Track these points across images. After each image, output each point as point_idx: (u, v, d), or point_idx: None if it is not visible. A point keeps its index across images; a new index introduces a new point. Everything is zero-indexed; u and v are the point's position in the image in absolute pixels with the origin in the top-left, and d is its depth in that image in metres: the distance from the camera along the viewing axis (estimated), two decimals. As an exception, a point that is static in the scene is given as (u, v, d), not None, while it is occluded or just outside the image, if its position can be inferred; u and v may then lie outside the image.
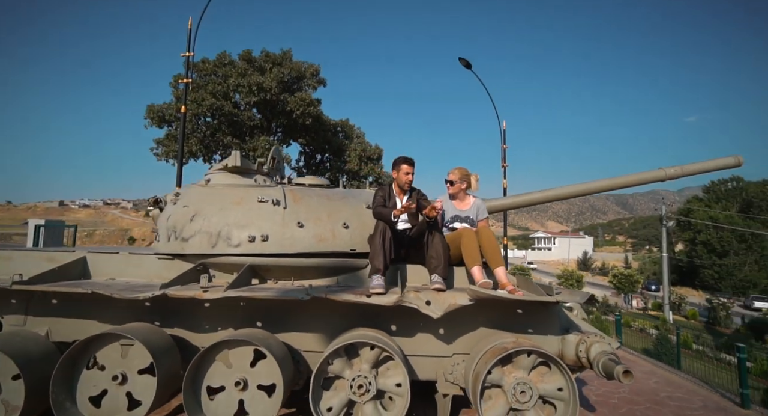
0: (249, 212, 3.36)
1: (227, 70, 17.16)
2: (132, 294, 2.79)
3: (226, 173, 3.77)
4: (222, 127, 16.38)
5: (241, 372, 2.86)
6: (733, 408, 4.48)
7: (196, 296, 2.80)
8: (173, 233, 3.36)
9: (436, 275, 3.02)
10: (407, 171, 3.30)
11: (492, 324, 3.27)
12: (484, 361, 2.87)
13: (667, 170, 4.17)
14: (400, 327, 3.27)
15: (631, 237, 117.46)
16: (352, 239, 3.48)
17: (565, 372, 2.81)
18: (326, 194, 3.76)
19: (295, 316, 3.25)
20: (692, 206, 50.44)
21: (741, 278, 44.02)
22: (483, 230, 3.21)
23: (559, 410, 2.88)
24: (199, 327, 3.26)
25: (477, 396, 2.77)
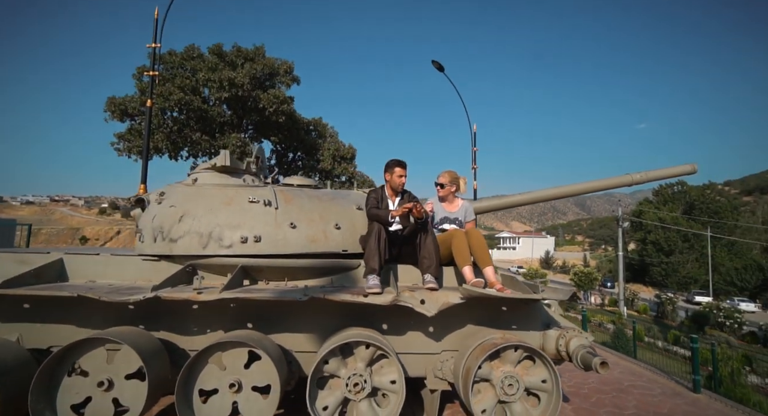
0: (240, 212, 3.32)
1: (196, 64, 16.54)
2: (121, 297, 2.70)
3: (213, 172, 3.70)
4: (190, 122, 15.77)
5: (235, 374, 2.84)
6: (687, 393, 4.92)
7: (191, 298, 2.75)
8: (160, 233, 3.27)
9: (428, 275, 3.13)
10: (400, 174, 3.39)
11: (478, 321, 3.43)
12: (475, 357, 3.01)
13: (633, 175, 4.52)
14: (391, 326, 3.36)
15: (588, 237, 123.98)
16: (344, 240, 3.52)
17: (549, 365, 3.01)
18: (316, 195, 3.78)
19: (287, 317, 3.26)
20: (643, 208, 53.98)
21: (684, 275, 47.59)
22: (472, 231, 3.35)
23: (542, 401, 3.08)
24: (187, 330, 3.19)
25: (468, 390, 2.91)
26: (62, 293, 2.73)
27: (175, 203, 3.39)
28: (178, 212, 3.32)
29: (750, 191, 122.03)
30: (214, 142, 15.77)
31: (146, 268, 3.34)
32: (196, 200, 3.38)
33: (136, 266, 3.35)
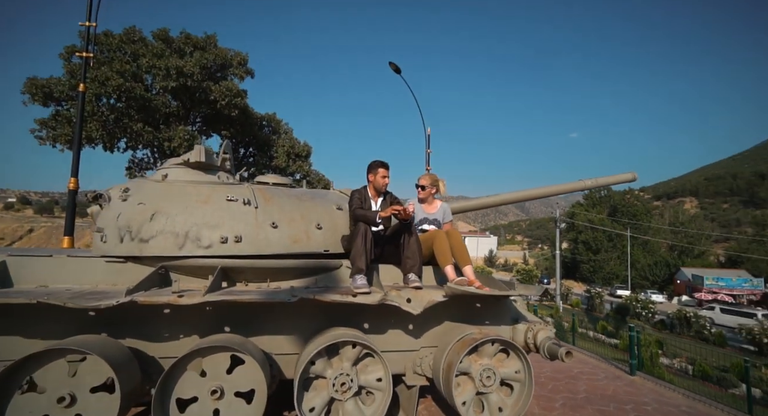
0: (218, 211, 3.18)
1: (138, 48, 15.22)
2: (89, 302, 2.47)
3: (186, 168, 3.49)
4: (131, 112, 14.48)
5: (216, 381, 2.72)
6: (625, 376, 5.52)
7: (171, 302, 2.59)
8: (128, 233, 3.02)
9: (412, 274, 3.22)
10: (384, 175, 3.45)
11: (455, 318, 3.58)
12: (456, 351, 3.15)
13: (585, 181, 4.98)
14: (373, 325, 3.40)
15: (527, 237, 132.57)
16: (325, 240, 3.50)
17: (522, 357, 3.24)
18: (295, 195, 3.72)
19: (267, 319, 3.18)
20: (575, 210, 58.83)
21: (608, 271, 52.66)
22: (453, 232, 3.50)
23: (516, 390, 3.30)
24: (158, 336, 2.99)
25: (450, 384, 3.05)
26: (17, 300, 2.43)
27: (144, 200, 3.15)
28: (148, 210, 3.10)
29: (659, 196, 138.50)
30: (158, 134, 14.64)
31: (110, 270, 3.08)
32: (169, 198, 3.17)
33: (98, 268, 3.06)
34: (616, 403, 4.31)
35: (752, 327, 17.47)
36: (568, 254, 56.94)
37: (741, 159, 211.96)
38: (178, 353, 2.92)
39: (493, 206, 4.67)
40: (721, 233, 72.66)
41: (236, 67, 15.93)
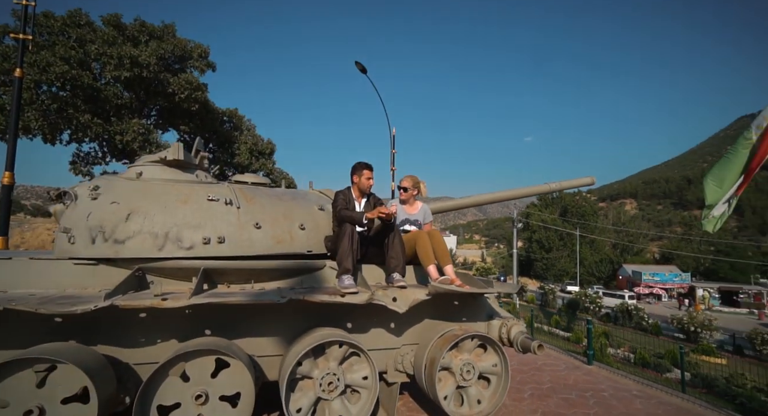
0: (199, 211, 3.08)
1: (84, 33, 14.08)
2: (63, 308, 2.32)
3: (162, 166, 3.35)
4: (77, 101, 13.39)
5: (200, 385, 2.65)
6: (583, 366, 5.95)
7: (155, 306, 2.48)
8: (100, 233, 2.85)
9: (397, 274, 3.30)
10: (369, 176, 3.49)
11: (434, 316, 3.71)
12: (438, 347, 3.27)
13: (550, 184, 5.31)
14: (356, 325, 3.44)
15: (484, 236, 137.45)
16: (308, 241, 3.49)
17: (499, 351, 3.42)
18: (276, 195, 3.67)
19: (249, 321, 3.13)
20: (530, 210, 61.78)
21: (559, 268, 55.84)
22: (435, 233, 3.62)
23: (493, 382, 3.48)
24: (132, 342, 2.85)
25: (434, 379, 3.16)
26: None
27: (118, 199, 2.99)
28: (124, 209, 2.94)
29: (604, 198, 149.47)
30: (108, 126, 13.65)
31: (80, 273, 2.88)
32: (146, 197, 3.02)
33: (65, 271, 2.86)
34: (577, 391, 4.65)
35: (682, 317, 19.30)
36: (523, 252, 59.71)
37: (672, 164, 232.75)
38: (155, 358, 2.82)
39: (465, 207, 4.86)
40: (656, 233, 79.40)
41: (196, 59, 15.19)
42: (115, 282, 2.87)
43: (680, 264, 52.27)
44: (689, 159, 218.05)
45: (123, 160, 15.95)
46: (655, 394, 4.82)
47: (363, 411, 3.01)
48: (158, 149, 14.77)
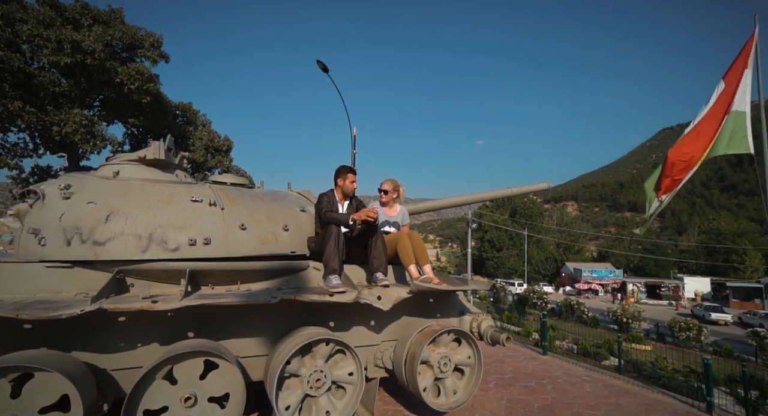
0: (183, 212, 3.03)
1: (12, 10, 12.68)
2: (45, 313, 2.22)
3: (140, 165, 3.24)
4: (4, 86, 12.07)
5: (188, 387, 2.64)
6: (539, 356, 6.47)
7: (146, 308, 2.44)
8: (77, 235, 2.73)
9: (380, 274, 3.45)
10: (353, 180, 3.61)
11: (410, 313, 3.91)
12: (418, 342, 3.47)
13: (512, 189, 5.72)
14: (338, 323, 3.55)
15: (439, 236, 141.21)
16: (292, 242, 3.54)
17: (473, 344, 3.68)
18: (257, 196, 3.68)
19: (232, 322, 3.13)
20: (483, 211, 64.49)
21: (509, 266, 58.89)
22: (414, 234, 3.81)
23: (467, 373, 3.74)
24: (110, 347, 2.76)
25: (415, 372, 3.35)
26: None
27: (95, 199, 2.87)
28: (102, 209, 2.83)
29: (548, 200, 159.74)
30: (44, 116, 12.44)
31: (52, 277, 2.73)
32: (126, 197, 2.93)
33: (36, 274, 2.70)
34: (536, 379, 5.08)
35: (616, 310, 21.26)
36: (475, 251, 62.22)
37: (608, 170, 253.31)
38: (135, 363, 2.77)
39: (437, 210, 5.14)
40: (594, 233, 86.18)
41: (148, 49, 14.26)
42: (91, 286, 2.79)
43: (614, 262, 57.20)
44: (621, 165, 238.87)
45: (59, 153, 14.62)
46: (600, 378, 5.39)
47: (349, 406, 3.13)
48: (103, 142, 13.73)
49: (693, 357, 11.38)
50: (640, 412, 4.20)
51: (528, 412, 4.05)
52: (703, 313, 32.44)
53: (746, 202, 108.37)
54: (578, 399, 4.44)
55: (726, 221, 63.77)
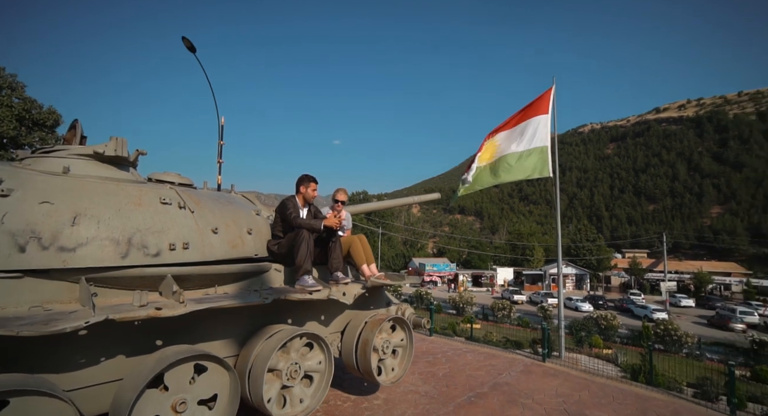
0: (158, 215, 2.89)
1: None
2: (46, 328, 1.98)
3: (93, 161, 2.89)
4: None
5: (179, 393, 2.63)
6: (426, 338, 7.73)
7: (153, 315, 2.36)
8: (34, 240, 2.36)
9: (340, 273, 3.88)
10: (314, 188, 3.93)
11: (351, 307, 4.46)
12: (369, 330, 4.06)
13: (413, 198, 6.81)
14: (294, 319, 3.86)
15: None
16: (255, 245, 3.66)
17: (407, 330, 4.47)
18: (214, 198, 3.65)
19: (198, 326, 3.15)
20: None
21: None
22: (362, 237, 4.34)
23: (399, 354, 4.50)
24: (69, 364, 2.50)
25: (369, 356, 3.94)
26: None
27: (49, 198, 2.51)
28: (63, 211, 2.50)
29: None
30: None
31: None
32: (91, 198, 2.64)
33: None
34: (432, 355, 6.25)
35: (455, 297, 25.63)
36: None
37: (444, 177, 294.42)
38: (99, 380, 2.58)
39: (369, 212, 5.78)
40: (433, 232, 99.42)
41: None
42: (45, 297, 2.49)
43: (449, 257, 67.45)
44: (453, 175, 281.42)
45: None
46: (474, 349, 6.94)
47: (319, 391, 3.51)
48: None
49: (508, 329, 15.03)
50: (506, 366, 5.75)
51: (438, 379, 5.08)
52: (509, 295, 41.60)
53: (534, 209, 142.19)
54: (466, 365, 5.74)
55: (523, 223, 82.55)
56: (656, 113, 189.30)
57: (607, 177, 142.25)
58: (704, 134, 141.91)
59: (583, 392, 4.85)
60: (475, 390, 4.73)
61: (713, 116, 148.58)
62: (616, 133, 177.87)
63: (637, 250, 75.77)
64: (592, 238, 58.98)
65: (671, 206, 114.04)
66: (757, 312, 33.84)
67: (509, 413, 4.09)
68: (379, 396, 4.44)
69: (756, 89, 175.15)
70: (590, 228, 64.00)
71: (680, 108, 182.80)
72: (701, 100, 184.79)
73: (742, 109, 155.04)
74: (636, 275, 56.80)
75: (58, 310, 2.37)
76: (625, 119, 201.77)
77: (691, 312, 38.14)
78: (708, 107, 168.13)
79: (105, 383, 2.59)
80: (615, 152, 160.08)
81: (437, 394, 4.57)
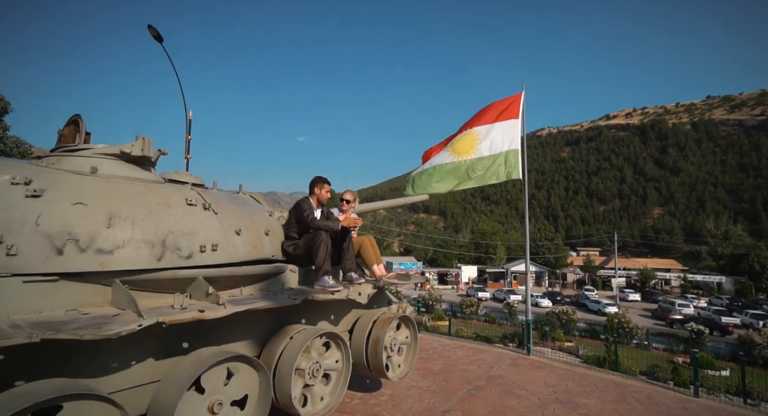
0: (187, 216, 2.86)
1: None
2: (103, 332, 1.95)
3: (119, 161, 2.82)
4: None
5: (215, 395, 2.65)
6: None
7: (197, 318, 2.36)
8: (71, 242, 2.29)
9: (353, 273, 3.98)
10: (328, 190, 4.00)
11: (357, 306, 4.56)
12: (380, 328, 4.19)
13: (405, 199, 7.01)
14: (308, 319, 3.92)
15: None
16: (272, 246, 3.68)
17: (412, 328, 4.64)
18: (230, 199, 3.63)
19: (223, 327, 3.15)
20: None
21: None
22: (371, 238, 4.45)
23: (404, 351, 4.66)
24: (104, 368, 2.45)
25: (380, 354, 4.06)
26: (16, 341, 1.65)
27: (82, 199, 2.44)
28: (97, 212, 2.44)
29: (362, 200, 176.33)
30: None
31: (32, 293, 2.19)
32: (123, 199, 2.58)
33: (13, 292, 2.14)
34: (424, 352, 6.46)
35: (425, 295, 26.22)
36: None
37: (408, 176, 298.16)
38: (131, 383, 2.55)
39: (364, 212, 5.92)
40: (399, 230, 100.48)
41: None
42: (79, 300, 2.43)
43: (416, 255, 68.50)
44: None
45: None
46: (461, 344, 7.24)
47: (338, 388, 3.59)
48: None
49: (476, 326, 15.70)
50: (495, 360, 6.08)
51: (435, 374, 5.30)
52: (474, 293, 42.97)
53: (495, 208, 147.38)
54: (458, 360, 6.00)
55: (485, 222, 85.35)
56: (607, 119, 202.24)
57: (562, 179, 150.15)
58: (647, 140, 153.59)
59: (568, 382, 5.25)
60: (473, 383, 4.99)
61: (655, 125, 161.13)
62: (571, 137, 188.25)
63: (590, 248, 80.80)
64: (550, 237, 62.14)
65: (619, 208, 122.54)
66: (692, 304, 37.33)
67: (508, 403, 4.38)
68: (384, 393, 4.58)
69: (690, 101, 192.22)
70: (549, 228, 67.39)
71: (627, 116, 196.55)
72: (645, 109, 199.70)
73: (679, 119, 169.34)
74: (590, 273, 60.56)
75: (97, 314, 2.31)
76: (579, 124, 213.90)
77: (637, 306, 41.26)
78: (651, 116, 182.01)
79: (137, 386, 2.55)
80: (570, 156, 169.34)
81: (438, 388, 4.78)
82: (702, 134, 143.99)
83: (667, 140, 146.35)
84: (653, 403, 4.67)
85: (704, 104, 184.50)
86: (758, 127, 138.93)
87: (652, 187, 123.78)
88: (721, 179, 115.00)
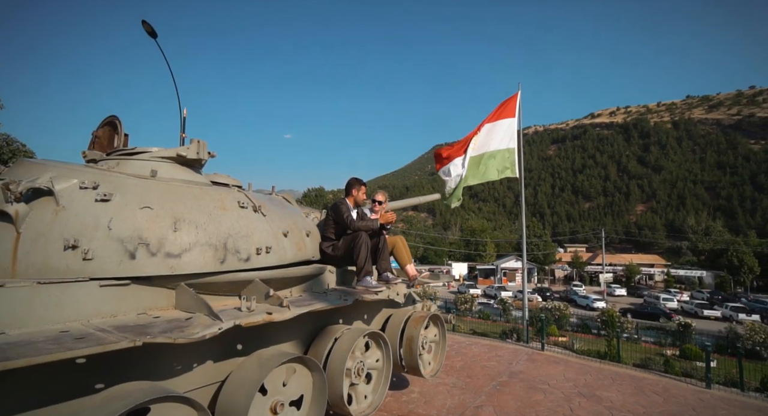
0: (242, 219, 2.87)
1: None
2: (189, 336, 1.97)
3: (174, 164, 2.81)
4: None
5: (276, 395, 2.68)
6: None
7: (267, 320, 2.39)
8: (143, 246, 2.29)
9: (388, 273, 4.03)
10: (364, 192, 4.05)
11: (387, 305, 4.63)
12: (413, 327, 4.26)
13: (419, 198, 7.07)
14: (345, 319, 3.96)
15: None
16: (312, 247, 3.71)
17: (440, 325, 4.72)
18: (271, 201, 3.65)
19: (269, 330, 3.17)
20: (298, 206, 65.79)
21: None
22: (403, 239, 4.51)
23: (434, 349, 4.74)
24: (170, 370, 2.47)
25: (415, 353, 4.14)
26: (118, 345, 1.66)
27: (148, 202, 2.44)
28: (163, 216, 2.44)
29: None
30: None
31: (108, 297, 2.20)
32: (185, 202, 2.58)
33: (88, 296, 2.13)
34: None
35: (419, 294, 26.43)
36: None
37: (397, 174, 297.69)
38: (196, 385, 2.57)
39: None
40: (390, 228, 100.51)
41: None
42: (146, 304, 2.44)
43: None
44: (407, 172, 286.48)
45: None
46: (476, 341, 7.37)
47: (380, 386, 3.65)
48: None
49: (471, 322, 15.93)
50: (512, 356, 6.22)
51: (458, 371, 5.40)
52: (465, 290, 43.37)
53: (483, 206, 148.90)
54: (476, 357, 6.12)
55: (473, 220, 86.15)
56: (591, 118, 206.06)
57: (549, 177, 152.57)
58: (631, 139, 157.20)
59: (586, 376, 5.42)
60: (496, 379, 5.11)
61: (638, 123, 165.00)
62: (557, 135, 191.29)
63: (577, 244, 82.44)
64: (538, 234, 63.15)
65: (604, 204, 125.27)
66: (675, 298, 38.53)
67: (535, 398, 4.51)
68: (413, 390, 4.66)
69: (671, 101, 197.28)
70: (537, 225, 68.47)
71: (611, 114, 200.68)
72: (628, 107, 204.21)
73: (660, 118, 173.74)
74: (577, 268, 61.83)
75: (168, 317, 2.32)
76: (564, 123, 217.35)
77: (623, 300, 42.30)
78: (634, 115, 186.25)
79: (198, 388, 2.57)
80: (556, 154, 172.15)
81: (464, 385, 4.89)
82: (682, 133, 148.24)
83: (649, 139, 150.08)
84: (670, 395, 4.86)
85: (684, 103, 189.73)
86: (734, 126, 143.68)
87: (635, 184, 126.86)
88: (700, 177, 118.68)
